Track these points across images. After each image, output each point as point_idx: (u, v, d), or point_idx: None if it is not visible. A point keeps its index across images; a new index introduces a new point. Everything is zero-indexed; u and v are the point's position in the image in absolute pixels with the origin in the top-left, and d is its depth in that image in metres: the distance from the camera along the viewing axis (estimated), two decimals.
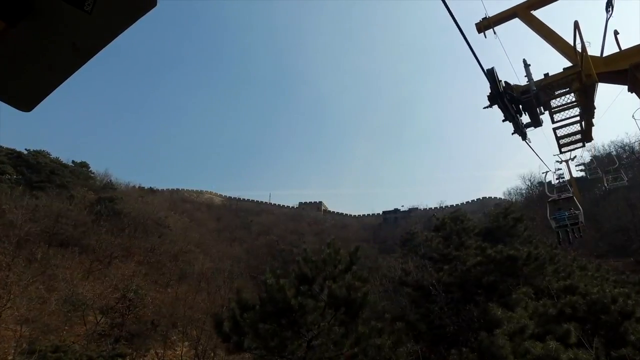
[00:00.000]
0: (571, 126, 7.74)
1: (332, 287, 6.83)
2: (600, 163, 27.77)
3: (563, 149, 9.19)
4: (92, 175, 57.91)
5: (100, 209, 38.82)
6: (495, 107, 5.15)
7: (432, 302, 12.49)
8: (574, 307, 9.44)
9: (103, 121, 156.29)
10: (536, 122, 6.05)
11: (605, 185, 20.95)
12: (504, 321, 7.84)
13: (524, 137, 6.02)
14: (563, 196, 14.70)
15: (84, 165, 56.88)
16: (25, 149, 45.45)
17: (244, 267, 43.12)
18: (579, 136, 8.16)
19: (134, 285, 23.77)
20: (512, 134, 6.00)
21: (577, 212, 13.58)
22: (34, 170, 43.93)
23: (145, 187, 74.49)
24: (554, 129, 8.04)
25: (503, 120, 5.31)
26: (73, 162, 55.50)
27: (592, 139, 8.34)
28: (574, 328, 8.32)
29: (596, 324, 9.20)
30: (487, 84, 5.89)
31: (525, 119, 5.93)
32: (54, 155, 50.13)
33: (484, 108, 5.19)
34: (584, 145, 8.90)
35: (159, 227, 44.13)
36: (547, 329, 8.36)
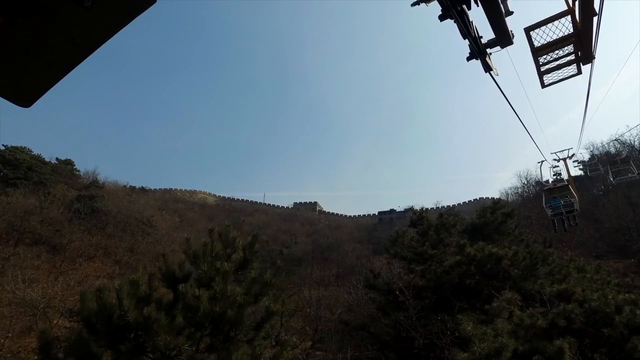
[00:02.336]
0: (560, 23, 4.04)
1: (187, 295, 5.03)
2: (599, 161, 26.08)
3: (546, 78, 4.89)
4: (76, 173, 56.19)
5: (79, 207, 37.24)
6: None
7: (402, 310, 10.72)
8: (569, 317, 7.68)
9: (101, 121, 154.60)
10: (503, 36, 3.34)
11: (611, 179, 18.68)
12: (475, 339, 6.14)
13: (483, 58, 3.45)
14: (559, 185, 13.88)
15: (68, 162, 55.08)
16: (3, 145, 43.79)
17: None
18: (571, 48, 4.44)
19: (96, 284, 21.96)
20: (468, 59, 3.39)
21: (572, 199, 13.09)
22: (11, 167, 42.26)
23: (137, 187, 73.12)
24: (527, 32, 4.20)
25: (440, 18, 2.74)
26: (57, 159, 53.79)
27: (594, 57, 4.52)
28: (569, 344, 6.58)
29: (597, 339, 7.38)
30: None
31: (487, 35, 3.31)
32: (36, 152, 48.50)
33: (412, 5, 2.99)
34: (579, 72, 4.83)
35: (143, 226, 42.54)
36: (535, 347, 6.61)
